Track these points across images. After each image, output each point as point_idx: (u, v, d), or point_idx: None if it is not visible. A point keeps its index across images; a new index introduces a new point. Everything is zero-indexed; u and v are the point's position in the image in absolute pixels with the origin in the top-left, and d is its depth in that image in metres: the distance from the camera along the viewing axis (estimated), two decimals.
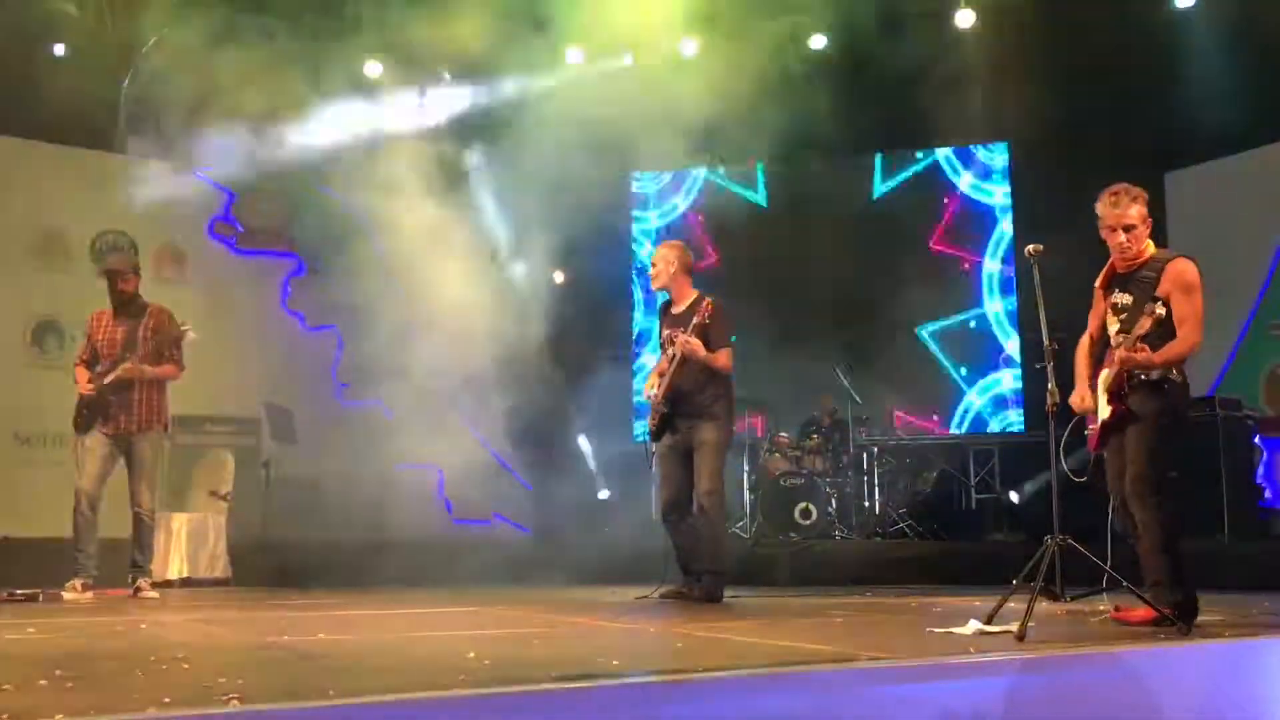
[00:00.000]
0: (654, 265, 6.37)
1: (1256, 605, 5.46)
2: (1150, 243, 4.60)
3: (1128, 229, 4.52)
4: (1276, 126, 9.65)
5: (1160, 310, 4.27)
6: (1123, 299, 4.58)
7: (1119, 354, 4.41)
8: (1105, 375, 4.59)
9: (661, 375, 6.20)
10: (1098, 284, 4.76)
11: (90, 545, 6.51)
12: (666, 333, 6.28)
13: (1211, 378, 9.66)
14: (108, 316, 6.79)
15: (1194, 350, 4.40)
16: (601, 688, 2.70)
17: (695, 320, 6.03)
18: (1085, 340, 4.88)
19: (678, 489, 6.21)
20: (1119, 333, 4.51)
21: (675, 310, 6.32)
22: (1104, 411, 4.58)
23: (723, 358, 6.05)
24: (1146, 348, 4.30)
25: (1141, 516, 4.42)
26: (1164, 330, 4.35)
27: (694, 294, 6.31)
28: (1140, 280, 4.52)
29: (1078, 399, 4.74)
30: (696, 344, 5.95)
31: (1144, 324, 4.31)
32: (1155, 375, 4.40)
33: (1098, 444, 4.68)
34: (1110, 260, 4.68)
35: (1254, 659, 3.59)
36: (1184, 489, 7.93)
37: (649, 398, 6.23)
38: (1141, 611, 4.39)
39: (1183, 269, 4.44)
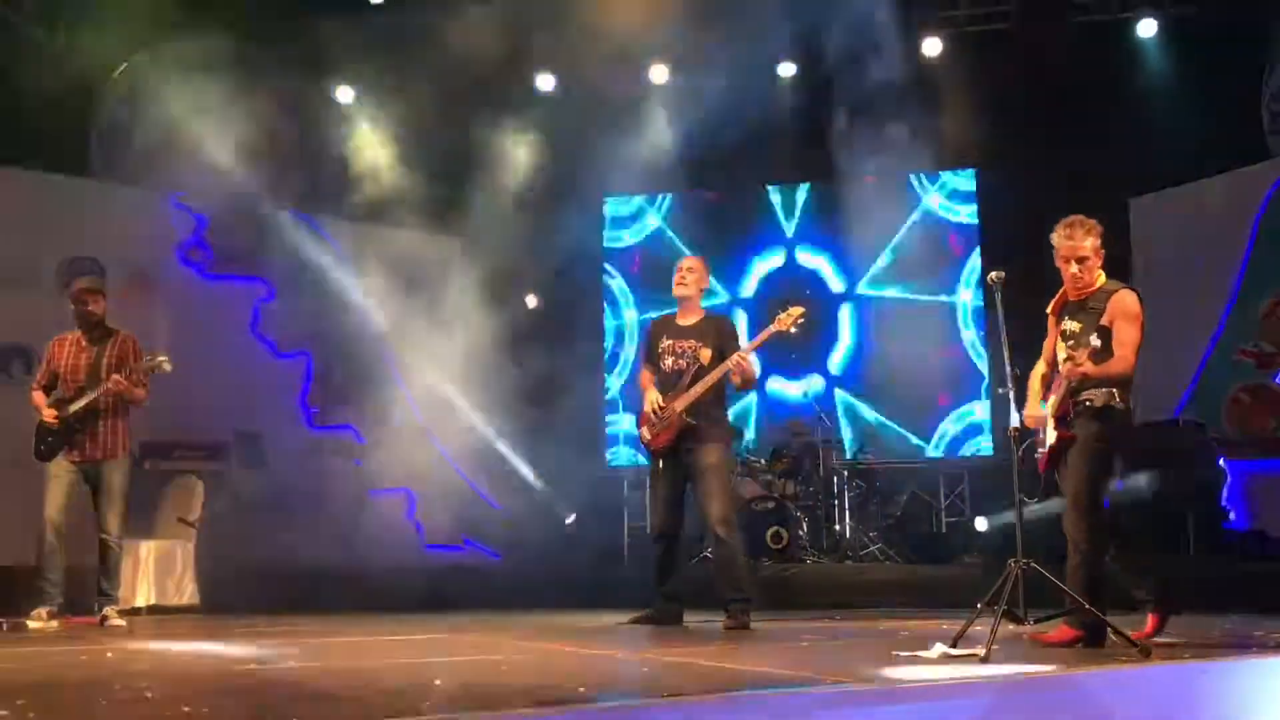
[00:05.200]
0: (688, 271, 6.28)
1: (1220, 627, 5.52)
2: (1101, 273, 4.72)
3: (1080, 260, 4.64)
4: (1239, 152, 9.81)
5: (1096, 343, 4.39)
6: (1072, 326, 4.70)
7: (1063, 369, 4.53)
8: (1051, 401, 4.67)
9: (681, 387, 6.06)
10: (1050, 311, 4.89)
11: (56, 573, 6.44)
12: (669, 343, 6.20)
13: (1176, 401, 9.77)
14: (71, 341, 6.73)
15: (1128, 371, 4.54)
16: (567, 713, 2.70)
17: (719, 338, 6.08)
18: (1040, 366, 4.99)
19: (672, 511, 6.18)
20: (1066, 360, 4.61)
21: (682, 323, 6.27)
22: (1050, 436, 4.67)
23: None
24: (1088, 363, 4.42)
25: (1072, 536, 4.53)
26: (1106, 358, 4.50)
27: (702, 312, 6.31)
28: (1089, 309, 4.65)
29: (1029, 418, 4.85)
30: (749, 364, 5.96)
31: (1081, 355, 4.42)
32: (1099, 402, 4.51)
33: (1045, 467, 4.78)
34: (1063, 288, 4.79)
35: (1213, 681, 3.63)
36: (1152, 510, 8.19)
37: (660, 410, 6.06)
38: (1055, 633, 4.51)
39: (1126, 299, 4.62)
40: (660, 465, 6.16)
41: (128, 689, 3.32)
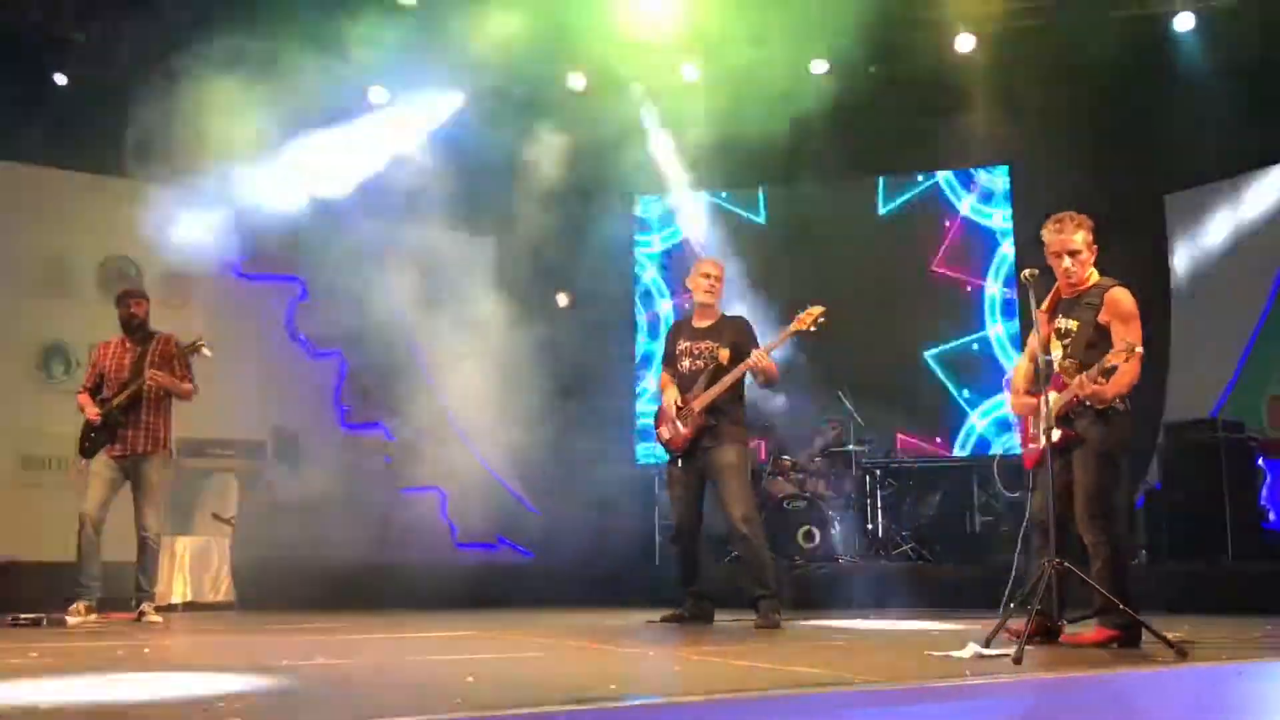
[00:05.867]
0: (715, 278, 6.29)
1: (1259, 628, 5.45)
2: (1094, 270, 4.69)
3: (1072, 254, 4.62)
4: (1277, 147, 9.67)
5: (1139, 349, 4.33)
6: (1067, 324, 4.66)
7: (1078, 380, 4.46)
8: (1055, 399, 4.59)
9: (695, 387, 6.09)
10: (1044, 308, 4.82)
11: (94, 568, 6.54)
12: (686, 344, 6.24)
13: (1215, 399, 9.66)
14: (115, 344, 6.86)
15: (1135, 380, 4.49)
16: (598, 710, 2.71)
17: (735, 339, 6.10)
18: (1024, 363, 4.96)
19: (691, 512, 6.21)
20: (1065, 357, 4.59)
21: (699, 324, 6.30)
22: (1052, 434, 4.61)
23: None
24: (1104, 381, 4.38)
25: (1091, 540, 4.50)
26: (1103, 354, 4.44)
27: (719, 314, 6.32)
28: (1084, 306, 4.63)
29: (1020, 405, 4.82)
30: (770, 363, 5.96)
31: (1117, 356, 4.32)
32: (1101, 406, 4.50)
33: (1033, 463, 4.77)
34: (1056, 285, 4.77)
35: (1250, 682, 3.59)
36: (1188, 511, 8.10)
37: (678, 410, 6.09)
38: (1092, 634, 4.46)
39: (1120, 298, 4.57)
40: (679, 464, 6.19)
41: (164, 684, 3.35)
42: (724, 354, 6.08)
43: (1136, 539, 8.96)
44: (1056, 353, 4.68)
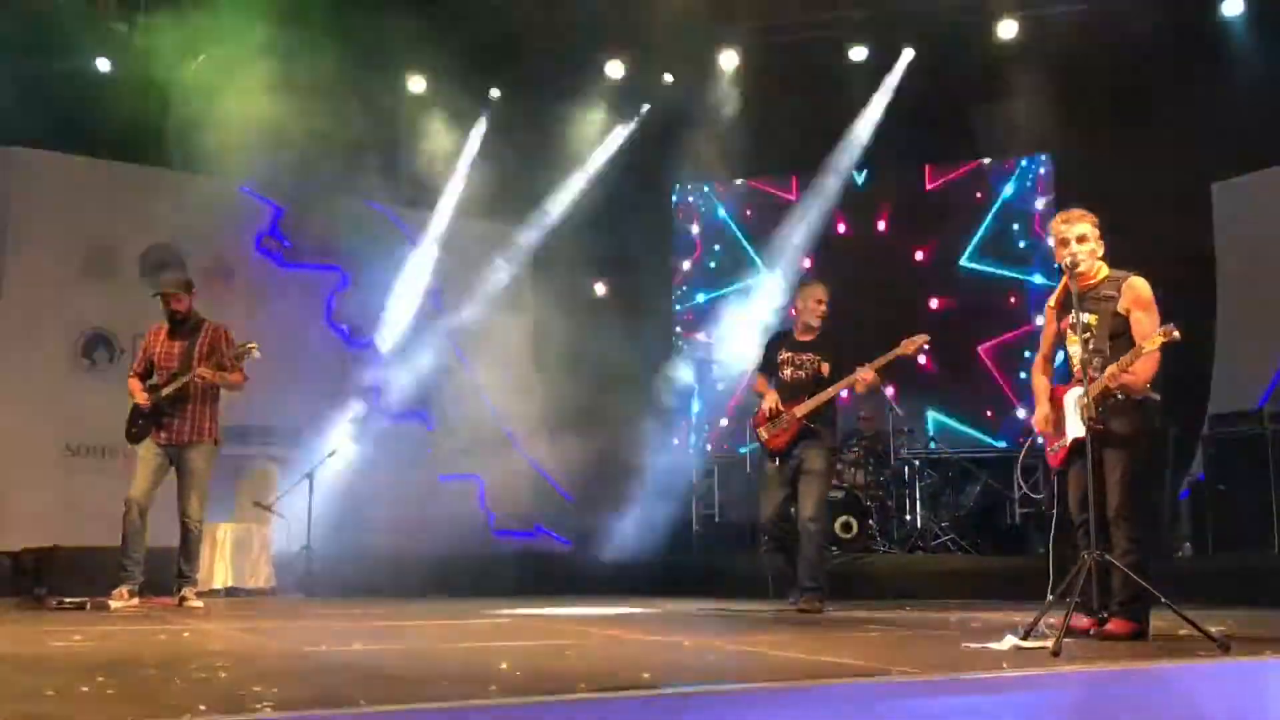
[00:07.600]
0: (826, 304, 6.75)
1: None
2: (1103, 264, 4.72)
3: (1080, 239, 4.63)
4: None
5: (1176, 335, 4.34)
6: (1087, 319, 4.64)
7: (1109, 372, 4.46)
8: (1078, 394, 4.55)
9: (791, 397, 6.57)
10: (1052, 304, 4.87)
11: (138, 553, 6.62)
12: (788, 355, 6.72)
13: (1261, 390, 9.49)
14: (165, 331, 6.93)
15: (1157, 366, 4.51)
16: (628, 698, 2.71)
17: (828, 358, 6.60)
18: (1040, 361, 5.00)
19: (782, 506, 6.65)
20: (1094, 351, 4.57)
21: (801, 338, 6.76)
22: (1076, 430, 4.58)
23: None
24: (1136, 372, 4.42)
25: (1126, 534, 4.49)
26: (1127, 345, 4.50)
27: (816, 331, 6.76)
28: (1101, 299, 4.64)
29: (1041, 420, 4.82)
30: (874, 379, 6.47)
31: (1153, 341, 4.37)
32: (1137, 396, 4.51)
33: (1061, 463, 4.75)
34: (1063, 281, 4.78)
35: None
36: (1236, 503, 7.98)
37: (783, 412, 6.52)
38: (1116, 626, 4.44)
39: (1139, 285, 4.63)
40: (775, 462, 6.64)
41: (203, 668, 3.39)
42: (826, 367, 6.61)
43: (1180, 531, 8.85)
44: (1075, 348, 4.67)
